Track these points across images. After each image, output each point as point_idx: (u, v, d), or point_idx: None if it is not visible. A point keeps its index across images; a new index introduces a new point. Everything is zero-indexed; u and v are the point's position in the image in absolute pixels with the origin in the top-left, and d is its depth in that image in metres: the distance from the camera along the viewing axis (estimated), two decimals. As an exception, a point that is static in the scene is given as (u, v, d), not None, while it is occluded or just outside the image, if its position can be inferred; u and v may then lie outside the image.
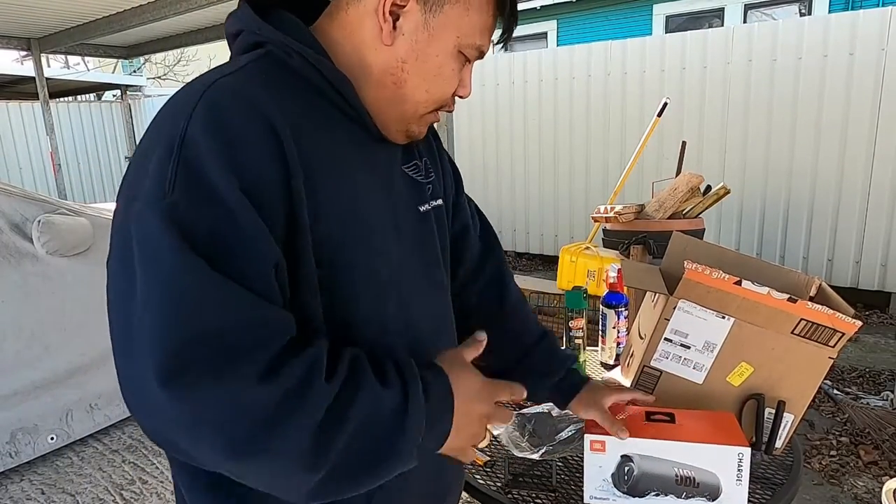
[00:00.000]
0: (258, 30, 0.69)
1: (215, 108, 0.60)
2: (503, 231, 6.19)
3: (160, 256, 0.56)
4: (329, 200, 0.66)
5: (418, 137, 0.78)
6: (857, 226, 4.30)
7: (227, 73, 0.64)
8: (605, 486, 0.94)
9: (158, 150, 0.59)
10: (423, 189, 0.83)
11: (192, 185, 0.57)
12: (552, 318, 3.48)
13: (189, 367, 0.54)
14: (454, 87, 0.74)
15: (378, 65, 0.71)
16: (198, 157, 0.58)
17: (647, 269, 1.23)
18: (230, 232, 0.58)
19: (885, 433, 2.65)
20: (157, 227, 0.56)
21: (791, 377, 1.05)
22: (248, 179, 0.59)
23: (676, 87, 4.79)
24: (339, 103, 0.70)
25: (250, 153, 0.59)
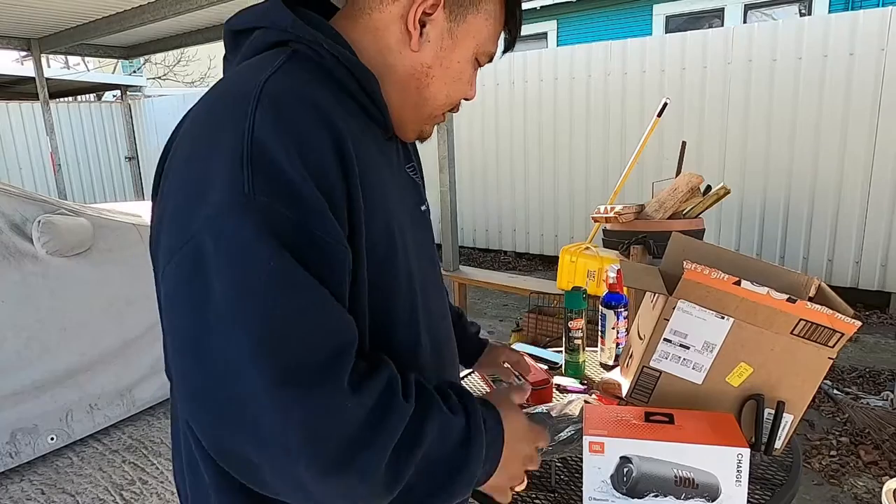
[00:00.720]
0: (291, 27, 0.67)
1: (279, 109, 0.59)
2: (503, 231, 6.19)
3: (252, 257, 0.55)
4: (375, 202, 0.67)
5: (426, 138, 0.82)
6: (857, 226, 4.30)
7: (272, 70, 0.63)
8: (604, 488, 0.94)
9: (221, 154, 0.58)
10: (419, 189, 0.86)
11: (273, 187, 0.56)
12: (552, 318, 3.49)
13: (294, 377, 0.54)
14: (467, 91, 0.79)
15: (403, 68, 0.73)
16: (274, 159, 0.57)
17: (646, 270, 1.23)
18: (315, 235, 0.58)
19: (885, 433, 2.65)
20: (245, 228, 0.55)
21: (790, 377, 1.05)
22: (321, 182, 0.58)
23: (676, 87, 4.79)
24: (365, 104, 0.71)
25: (320, 156, 0.59)
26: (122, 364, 2.83)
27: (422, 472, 0.61)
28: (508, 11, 0.77)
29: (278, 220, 0.56)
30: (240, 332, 0.54)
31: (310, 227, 0.57)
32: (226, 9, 4.51)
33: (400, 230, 0.72)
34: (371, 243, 0.66)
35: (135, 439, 2.83)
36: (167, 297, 0.60)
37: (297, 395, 0.54)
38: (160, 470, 2.58)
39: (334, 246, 0.59)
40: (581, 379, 1.49)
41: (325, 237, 0.58)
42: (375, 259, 0.67)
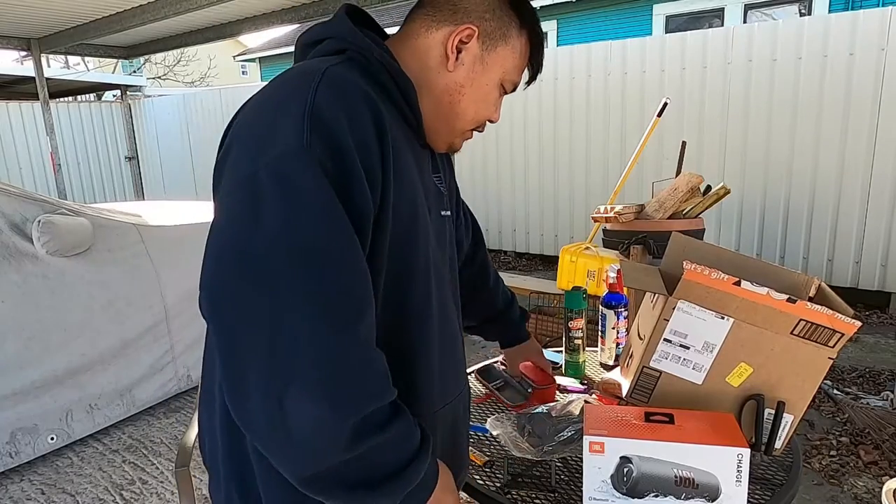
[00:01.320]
0: (350, 37, 0.81)
1: (338, 87, 0.71)
2: (503, 231, 6.19)
3: (306, 191, 0.65)
4: (404, 181, 0.77)
5: (456, 150, 0.94)
6: (857, 226, 4.29)
7: (333, 63, 0.75)
8: (605, 488, 0.94)
9: (287, 114, 0.68)
10: (443, 198, 0.96)
11: (326, 144, 0.67)
12: (552, 319, 3.49)
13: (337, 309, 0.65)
14: (492, 112, 0.91)
15: (440, 85, 0.86)
16: (329, 125, 0.68)
17: (646, 270, 1.23)
18: (352, 192, 0.68)
19: (885, 433, 2.65)
20: (304, 172, 0.65)
21: (790, 378, 1.05)
22: (362, 151, 0.69)
23: (676, 87, 4.79)
24: (403, 109, 0.82)
25: (365, 130, 0.71)
26: (122, 364, 2.83)
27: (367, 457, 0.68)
28: (533, 48, 0.91)
29: (327, 168, 0.66)
30: (283, 252, 0.64)
31: (349, 184, 0.68)
32: (226, 9, 4.52)
33: (423, 215, 0.83)
34: (397, 215, 0.76)
35: (135, 439, 2.83)
36: (218, 214, 0.69)
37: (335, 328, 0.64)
38: (160, 470, 2.58)
39: (365, 208, 0.70)
40: (581, 379, 1.49)
41: (358, 197, 0.69)
42: (399, 230, 0.77)
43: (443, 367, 0.89)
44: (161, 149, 9.20)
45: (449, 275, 0.95)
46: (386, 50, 0.82)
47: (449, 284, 0.94)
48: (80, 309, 2.66)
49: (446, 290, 0.92)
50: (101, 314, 2.73)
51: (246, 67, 18.38)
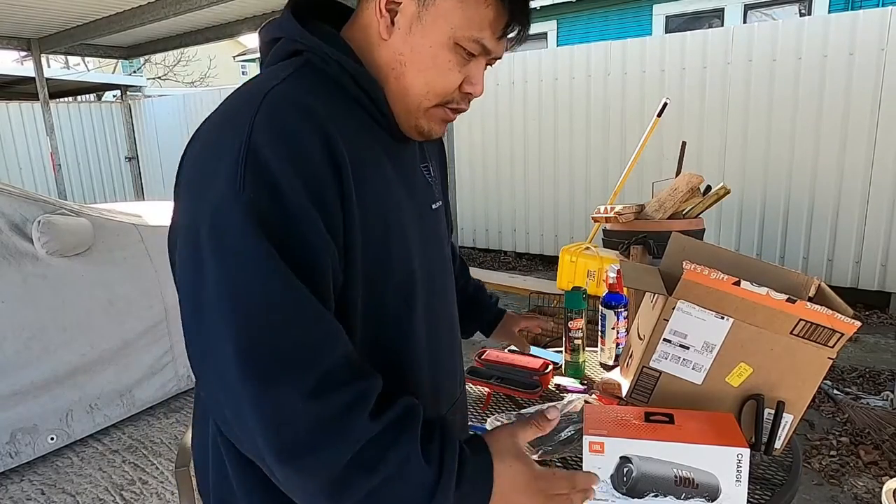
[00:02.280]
0: (300, 38, 0.73)
1: (277, 117, 0.64)
2: (503, 231, 6.19)
3: (237, 245, 0.61)
4: (375, 205, 0.71)
5: (433, 136, 0.81)
6: (857, 226, 4.29)
7: (279, 80, 0.68)
8: (604, 488, 0.94)
9: (224, 154, 0.63)
10: (431, 189, 0.88)
11: (262, 188, 0.61)
12: (552, 319, 3.49)
13: (259, 363, 0.60)
14: (454, 81, 0.75)
15: (382, 59, 0.75)
16: (266, 164, 0.62)
17: (646, 270, 1.23)
18: (298, 232, 0.62)
19: (885, 433, 2.65)
20: (235, 218, 0.61)
21: (790, 378, 1.05)
22: (310, 183, 0.63)
23: (676, 87, 4.79)
24: (369, 108, 0.74)
25: (312, 164, 0.64)
26: (122, 364, 2.83)
27: (375, 498, 0.62)
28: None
29: (263, 214, 0.61)
30: (220, 315, 0.61)
31: (292, 223, 0.62)
32: (226, 9, 4.52)
33: (400, 228, 0.76)
34: (366, 240, 0.70)
35: (135, 439, 2.83)
36: (177, 270, 0.67)
37: (260, 386, 0.59)
38: (160, 470, 2.58)
39: (317, 244, 0.64)
40: (581, 379, 1.49)
41: (308, 235, 0.63)
42: (370, 255, 0.71)
43: (435, 380, 0.85)
44: (161, 149, 9.20)
45: (442, 277, 0.88)
46: (340, 45, 0.74)
47: (441, 288, 0.88)
48: (80, 309, 2.66)
49: (436, 297, 0.85)
50: (101, 314, 2.73)
51: (246, 67, 18.38)
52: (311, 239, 0.63)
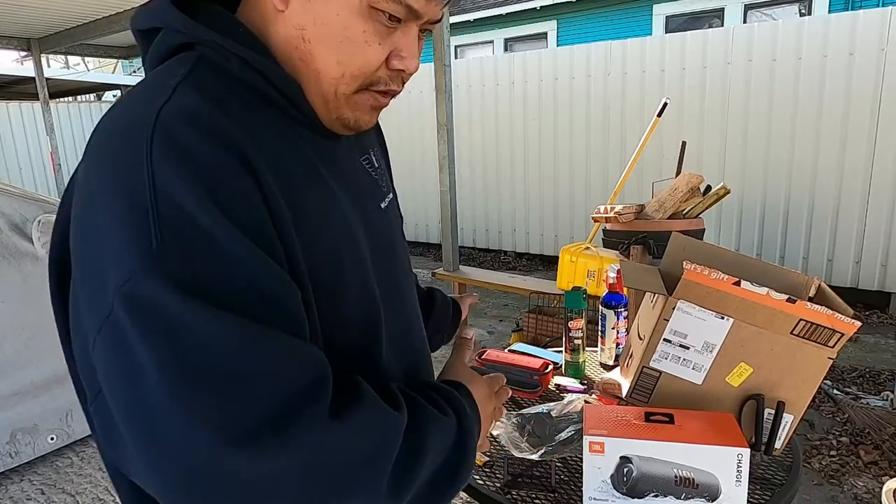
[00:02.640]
0: (184, 28, 0.58)
1: (181, 147, 0.50)
2: (503, 231, 6.19)
3: (175, 326, 0.47)
4: (318, 228, 0.59)
5: (362, 127, 0.66)
6: (857, 226, 4.30)
7: (168, 93, 0.53)
8: (605, 488, 0.94)
9: (122, 211, 0.49)
10: (378, 183, 0.76)
11: (186, 241, 0.49)
12: (552, 319, 3.48)
13: (258, 431, 0.48)
14: (375, 56, 0.59)
15: (280, 37, 0.59)
16: (184, 210, 0.49)
17: (646, 270, 1.23)
18: (248, 280, 0.50)
19: (885, 433, 2.65)
20: (162, 294, 0.47)
21: (790, 378, 1.05)
22: (244, 224, 0.51)
23: (676, 87, 4.79)
24: (285, 107, 0.60)
25: (236, 196, 0.51)
26: (122, 364, 2.83)
27: (425, 483, 0.60)
28: None
29: (199, 276, 0.49)
30: (182, 409, 0.47)
31: (238, 274, 0.50)
32: (226, 9, 4.51)
33: (352, 249, 0.64)
34: (317, 275, 0.58)
35: (135, 439, 2.83)
36: (102, 376, 0.52)
37: (271, 446, 0.48)
38: (160, 470, 2.59)
39: (273, 284, 0.52)
40: (581, 379, 1.49)
41: (258, 279, 0.51)
42: (322, 292, 0.59)
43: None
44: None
45: (403, 293, 0.77)
46: (238, 33, 0.59)
47: (405, 306, 0.77)
48: (80, 309, 2.66)
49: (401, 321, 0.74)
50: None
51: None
52: (264, 279, 0.51)
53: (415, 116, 6.39)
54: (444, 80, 3.86)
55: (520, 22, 9.39)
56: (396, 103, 0.71)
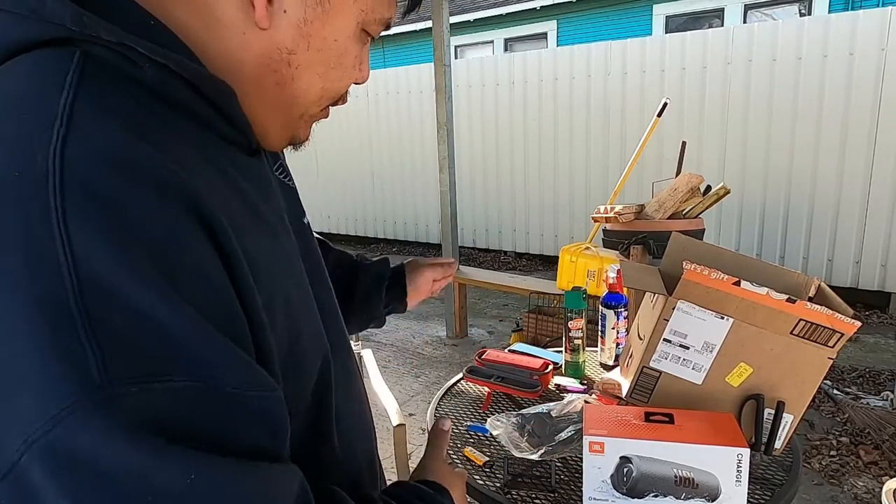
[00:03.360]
0: (71, 24, 0.41)
1: (105, 204, 0.36)
2: (503, 231, 6.19)
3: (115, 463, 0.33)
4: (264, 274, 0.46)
5: (303, 142, 0.59)
6: (857, 226, 4.30)
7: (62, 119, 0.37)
8: (604, 488, 0.94)
9: (20, 310, 0.34)
10: (296, 195, 0.65)
11: (141, 353, 0.35)
12: (552, 319, 3.49)
13: None
14: (354, 76, 0.55)
15: (251, 57, 0.49)
16: (127, 302, 0.35)
17: (646, 270, 1.23)
18: (225, 394, 0.38)
19: (885, 433, 2.65)
20: (110, 446, 0.33)
21: (790, 378, 1.05)
22: (210, 301, 0.39)
23: (676, 87, 4.79)
24: (213, 123, 0.48)
25: (194, 263, 0.39)
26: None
27: None
28: None
29: (160, 406, 0.34)
30: None
31: (213, 387, 0.37)
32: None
33: (300, 291, 0.54)
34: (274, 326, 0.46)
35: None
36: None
37: None
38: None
39: (253, 393, 0.39)
40: (581, 379, 1.49)
41: (238, 390, 0.38)
42: (283, 351, 0.47)
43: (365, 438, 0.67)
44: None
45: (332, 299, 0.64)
46: (156, 33, 0.45)
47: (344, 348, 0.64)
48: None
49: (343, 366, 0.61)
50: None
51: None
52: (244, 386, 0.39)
53: (415, 116, 6.39)
54: (444, 80, 3.86)
55: (520, 22, 9.40)
56: (396, 103, 0.66)
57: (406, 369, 3.79)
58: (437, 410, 1.39)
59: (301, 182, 0.72)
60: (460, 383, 1.51)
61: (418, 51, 9.75)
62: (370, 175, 7.02)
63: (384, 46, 10.62)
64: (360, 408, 0.67)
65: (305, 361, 0.52)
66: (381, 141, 6.80)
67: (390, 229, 7.05)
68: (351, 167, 7.15)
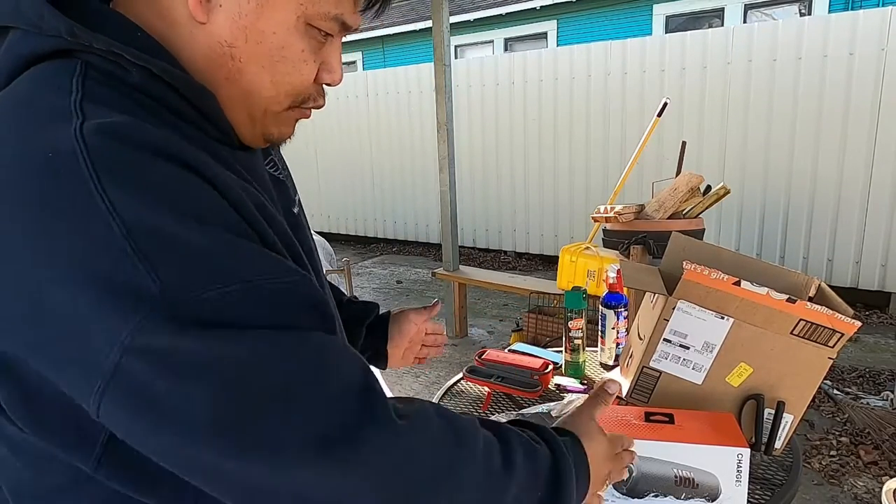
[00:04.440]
0: (69, 35, 0.48)
1: (129, 168, 0.44)
2: (503, 231, 6.19)
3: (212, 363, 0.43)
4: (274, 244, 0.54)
5: (284, 140, 0.62)
6: (857, 226, 4.30)
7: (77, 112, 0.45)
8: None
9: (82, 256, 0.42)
10: (286, 187, 0.70)
11: (185, 267, 0.43)
12: (552, 319, 3.49)
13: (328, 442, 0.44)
14: (310, 72, 0.57)
15: (200, 52, 0.53)
16: (165, 233, 0.43)
17: (646, 270, 1.23)
18: (265, 289, 0.46)
19: (885, 433, 2.65)
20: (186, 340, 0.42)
21: (790, 377, 1.05)
22: (230, 226, 0.47)
23: (676, 87, 4.79)
24: (198, 122, 0.53)
25: (208, 202, 0.47)
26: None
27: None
28: None
29: (209, 301, 0.43)
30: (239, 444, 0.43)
31: (248, 280, 0.45)
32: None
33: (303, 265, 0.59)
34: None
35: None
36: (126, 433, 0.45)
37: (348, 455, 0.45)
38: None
39: (286, 277, 0.48)
40: (581, 379, 1.49)
41: (270, 279, 0.47)
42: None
43: None
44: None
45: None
46: (134, 37, 0.50)
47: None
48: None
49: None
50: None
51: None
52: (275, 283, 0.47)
53: (415, 116, 6.39)
54: (444, 80, 3.86)
55: (520, 22, 9.39)
56: (396, 103, 0.67)
57: (406, 369, 3.79)
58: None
59: (301, 182, 0.74)
60: (460, 383, 1.51)
61: (418, 51, 9.75)
62: (370, 175, 7.02)
63: (384, 46, 10.62)
64: None
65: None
66: (381, 141, 6.80)
67: (390, 229, 7.05)
68: (351, 167, 7.15)
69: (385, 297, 5.31)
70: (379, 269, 6.29)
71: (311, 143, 7.29)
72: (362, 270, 6.24)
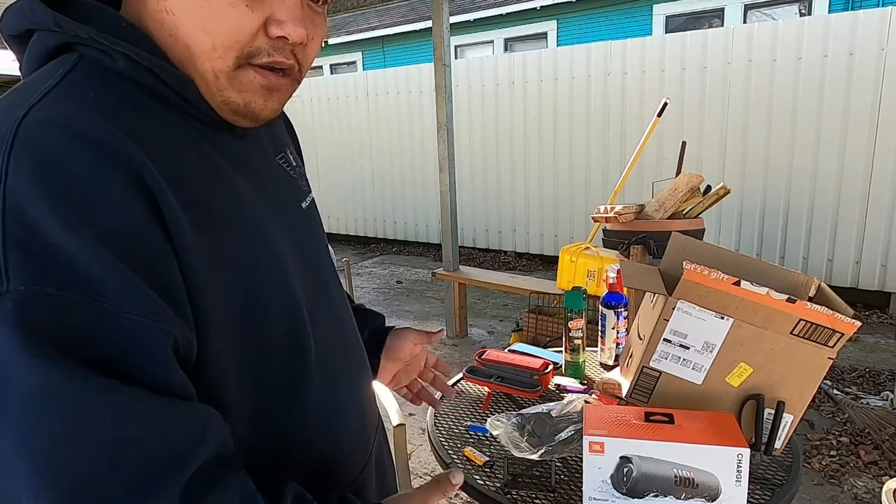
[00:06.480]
0: (55, 26, 0.51)
1: (41, 158, 0.44)
2: (503, 231, 6.19)
3: (25, 379, 0.41)
4: (227, 237, 0.54)
5: (257, 113, 0.58)
6: (857, 226, 4.30)
7: (36, 98, 0.47)
8: (604, 488, 0.94)
9: None
10: (297, 183, 0.71)
11: (42, 268, 0.42)
12: (552, 319, 3.49)
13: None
14: (245, 19, 0.53)
15: (150, 18, 0.54)
16: (41, 230, 0.42)
17: (646, 270, 1.23)
18: (116, 317, 0.44)
19: (885, 433, 2.65)
20: (7, 341, 0.41)
21: (790, 377, 1.05)
22: (121, 241, 0.45)
23: (676, 87, 4.79)
24: (182, 106, 0.55)
25: (108, 206, 0.45)
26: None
27: None
28: None
29: (51, 313, 0.42)
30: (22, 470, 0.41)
31: (104, 309, 0.43)
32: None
33: (272, 258, 0.59)
34: (225, 290, 0.53)
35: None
36: None
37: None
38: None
39: (142, 327, 0.45)
40: (581, 379, 1.49)
41: (131, 315, 0.44)
42: (235, 308, 0.54)
43: (339, 441, 0.68)
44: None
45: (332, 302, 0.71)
46: (120, 28, 0.53)
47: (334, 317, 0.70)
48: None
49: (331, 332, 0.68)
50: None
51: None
52: (137, 315, 0.44)
53: (415, 116, 6.39)
54: (444, 80, 3.86)
55: (520, 22, 9.39)
56: (396, 103, 0.67)
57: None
58: (438, 411, 1.38)
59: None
60: (460, 383, 1.51)
61: (418, 51, 9.75)
62: (370, 175, 7.02)
63: (384, 46, 10.62)
64: (352, 393, 0.70)
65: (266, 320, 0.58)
66: (381, 141, 6.80)
67: (390, 229, 7.06)
68: (351, 167, 7.15)
69: (385, 298, 5.31)
70: (379, 269, 6.29)
71: (311, 143, 7.29)
72: (362, 270, 6.24)
